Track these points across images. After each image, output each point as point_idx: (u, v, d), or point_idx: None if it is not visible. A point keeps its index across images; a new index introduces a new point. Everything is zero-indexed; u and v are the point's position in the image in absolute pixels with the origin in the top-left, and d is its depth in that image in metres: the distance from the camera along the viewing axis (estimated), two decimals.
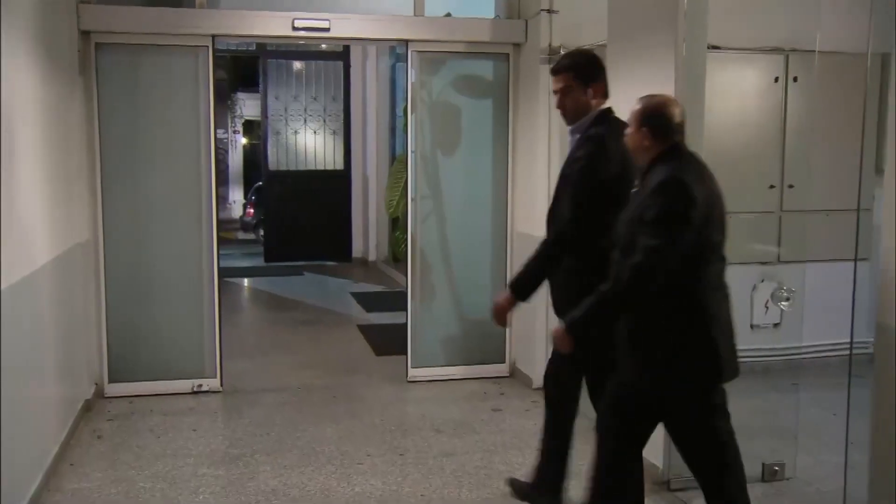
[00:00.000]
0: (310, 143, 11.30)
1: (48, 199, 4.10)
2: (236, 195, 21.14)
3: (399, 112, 10.35)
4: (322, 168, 11.26)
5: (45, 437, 3.96)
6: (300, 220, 10.84)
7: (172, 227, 5.15)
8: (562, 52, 5.10)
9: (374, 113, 10.68)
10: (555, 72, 3.35)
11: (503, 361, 5.73)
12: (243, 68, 18.99)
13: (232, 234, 16.17)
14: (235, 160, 21.66)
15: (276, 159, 11.18)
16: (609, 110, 3.29)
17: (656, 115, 2.74)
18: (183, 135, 5.12)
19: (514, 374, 5.70)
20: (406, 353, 5.57)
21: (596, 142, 3.16)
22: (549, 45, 5.19)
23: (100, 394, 5.09)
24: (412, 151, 5.49)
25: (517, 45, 5.48)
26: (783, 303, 5.24)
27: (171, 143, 5.11)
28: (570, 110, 3.30)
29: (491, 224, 5.65)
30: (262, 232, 12.38)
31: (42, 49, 4.02)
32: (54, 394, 4.18)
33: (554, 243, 3.40)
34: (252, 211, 15.15)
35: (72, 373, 4.58)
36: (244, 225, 15.87)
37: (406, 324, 5.57)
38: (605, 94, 3.31)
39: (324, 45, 11.12)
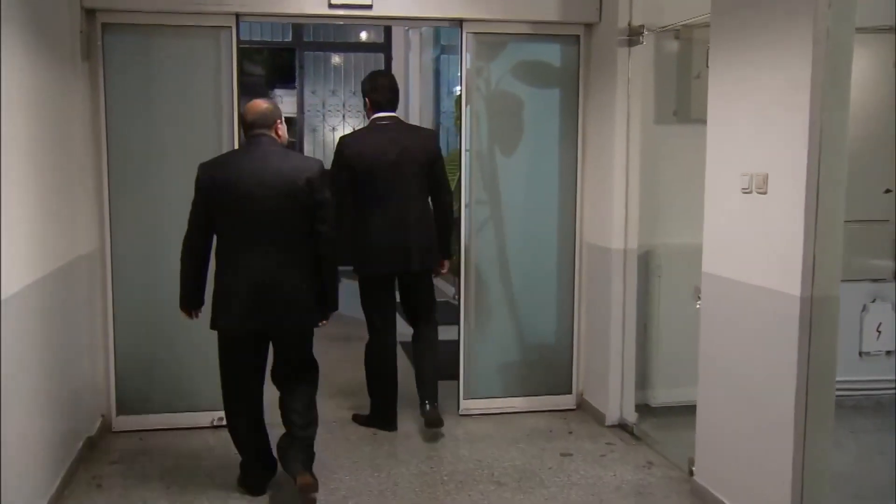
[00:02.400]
0: None
1: (40, 206, 3.44)
2: None
3: (443, 107, 9.64)
4: None
5: (31, 488, 3.28)
6: (339, 221, 10.13)
7: None
8: (645, 33, 4.33)
9: (418, 108, 9.95)
10: None
11: (569, 392, 4.96)
12: (281, 64, 18.45)
13: None
14: None
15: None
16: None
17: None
18: (202, 130, 4.43)
19: (583, 406, 4.93)
20: (457, 380, 4.82)
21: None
22: (629, 24, 4.41)
23: (107, 427, 4.43)
24: (466, 149, 4.74)
25: (589, 26, 4.70)
26: None
27: (189, 140, 4.42)
28: None
29: (557, 234, 4.89)
30: None
31: (34, 28, 3.36)
32: (46, 433, 3.52)
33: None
34: None
35: (71, 406, 3.93)
36: None
37: (457, 345, 4.83)
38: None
39: (363, 35, 10.43)
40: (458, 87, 4.83)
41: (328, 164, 10.28)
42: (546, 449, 4.32)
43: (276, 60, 18.55)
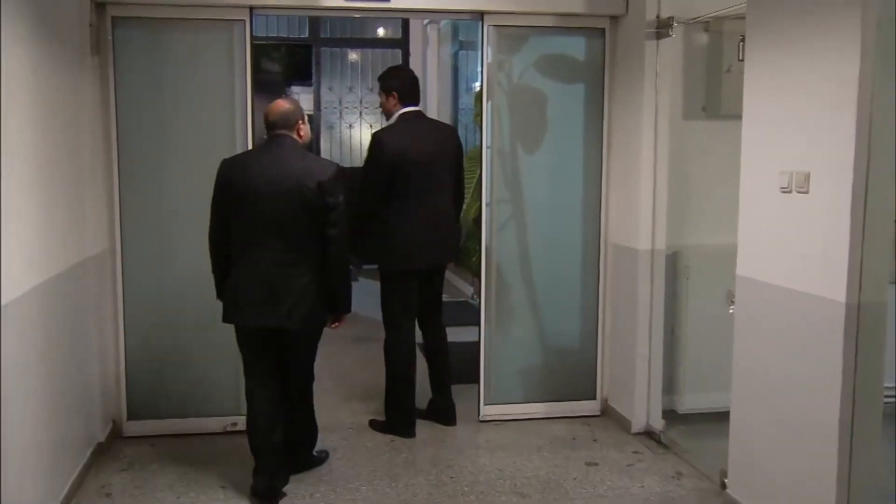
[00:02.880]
0: (366, 138, 10.43)
1: (46, 206, 3.31)
2: None
3: (461, 104, 9.48)
4: None
5: (36, 497, 3.16)
6: (355, 221, 9.99)
7: (205, 236, 4.30)
8: (674, 26, 4.15)
9: (436, 105, 9.78)
10: None
11: (593, 398, 4.79)
12: (298, 61, 18.35)
13: None
14: None
15: (328, 155, 10.38)
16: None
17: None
18: (215, 128, 4.30)
19: (607, 412, 4.76)
20: (477, 384, 4.66)
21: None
22: (658, 16, 4.23)
23: (117, 433, 4.31)
24: (487, 146, 4.57)
25: (615, 18, 4.52)
26: None
27: (202, 138, 4.29)
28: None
29: (581, 233, 4.71)
30: None
31: (41, 22, 3.23)
32: (52, 439, 3.39)
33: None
34: None
35: (79, 411, 3.81)
36: None
37: (476, 347, 4.66)
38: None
39: (381, 31, 10.29)
40: (478, 83, 4.68)
41: (356, 162, 10.38)
42: (570, 458, 4.16)
43: (294, 57, 18.46)
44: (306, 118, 3.66)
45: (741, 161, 3.40)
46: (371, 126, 10.42)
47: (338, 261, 3.55)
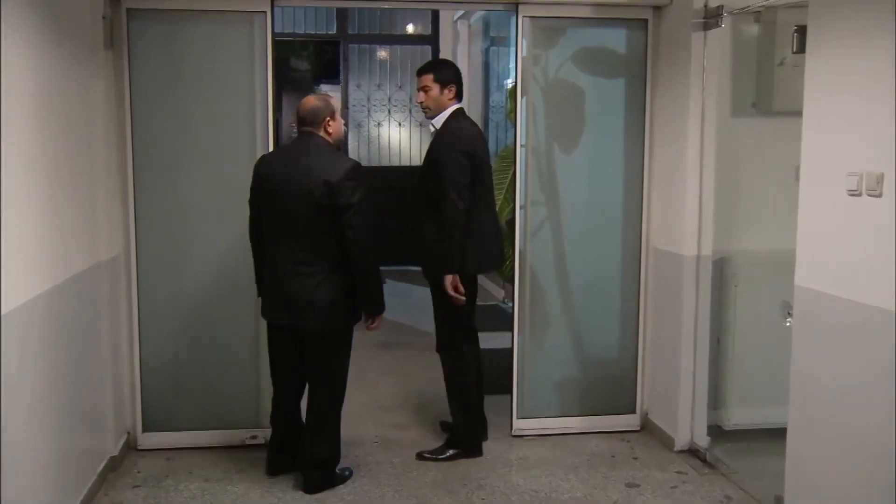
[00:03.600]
0: (394, 137, 10.25)
1: (52, 209, 3.11)
2: None
3: (492, 101, 9.22)
4: (407, 164, 10.16)
5: None
6: (383, 221, 9.78)
7: (223, 239, 4.12)
8: (724, 15, 3.87)
9: (466, 102, 9.49)
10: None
11: (633, 412, 4.51)
12: (328, 59, 18.22)
13: None
14: None
15: (356, 154, 10.17)
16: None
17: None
18: (235, 125, 4.08)
19: (647, 427, 4.48)
20: (510, 395, 4.41)
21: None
22: (706, 5, 3.95)
23: (132, 445, 4.12)
24: (521, 145, 4.31)
25: (659, 8, 4.24)
26: None
27: (221, 136, 4.08)
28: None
29: (621, 237, 4.44)
30: None
31: (50, 13, 3.05)
32: (61, 453, 3.20)
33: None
34: None
35: (91, 423, 3.63)
36: None
37: (508, 354, 4.41)
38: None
39: (410, 28, 10.07)
40: (510, 80, 4.41)
41: (384, 161, 10.16)
42: (609, 477, 3.89)
43: (323, 55, 18.32)
44: (338, 114, 3.58)
45: (801, 162, 3.11)
46: (400, 124, 10.20)
47: (360, 261, 3.48)
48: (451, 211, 3.80)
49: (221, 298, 4.14)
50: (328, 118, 3.51)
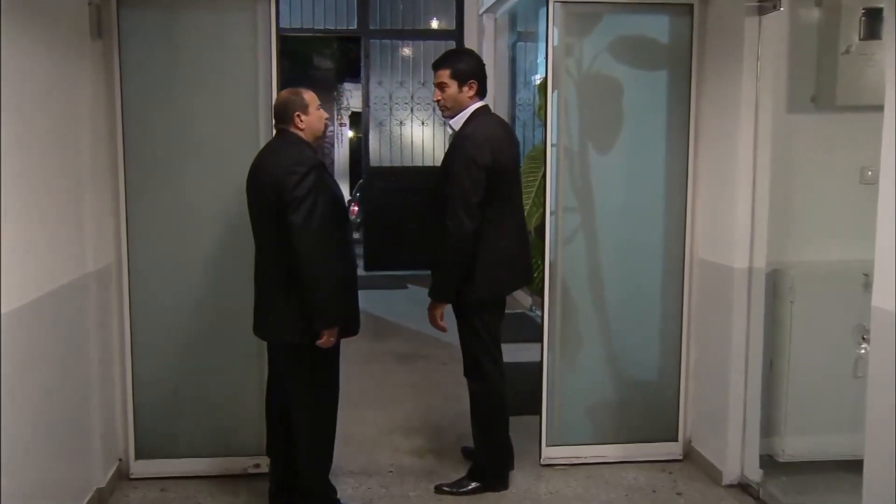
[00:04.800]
0: (417, 136, 9.89)
1: (31, 216, 2.77)
2: (342, 191, 20.15)
3: (519, 98, 8.82)
4: (431, 164, 9.78)
5: None
6: (406, 223, 9.43)
7: (224, 248, 3.75)
8: None
9: (492, 100, 9.11)
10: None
11: (675, 439, 4.09)
12: (352, 58, 17.97)
13: None
14: (342, 154, 20.70)
15: (377, 155, 9.82)
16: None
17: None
18: (235, 122, 3.73)
19: (691, 457, 4.06)
20: (539, 419, 3.99)
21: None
22: None
23: (123, 474, 3.77)
24: (552, 145, 3.90)
25: None
26: None
27: (221, 134, 3.73)
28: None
29: (662, 247, 4.02)
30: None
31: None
32: (43, 486, 2.88)
33: None
34: (356, 209, 14.09)
35: (76, 451, 3.30)
36: None
37: (537, 369, 3.98)
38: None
39: (434, 23, 9.70)
40: (537, 76, 4.00)
41: (406, 162, 9.81)
42: None
43: (348, 54, 18.09)
44: (313, 108, 3.25)
45: (881, 164, 2.66)
46: (423, 123, 9.84)
47: (303, 263, 3.05)
48: (455, 231, 3.36)
49: (222, 313, 3.78)
50: (298, 112, 3.22)
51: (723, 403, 3.79)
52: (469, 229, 3.35)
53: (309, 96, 3.27)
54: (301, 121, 3.23)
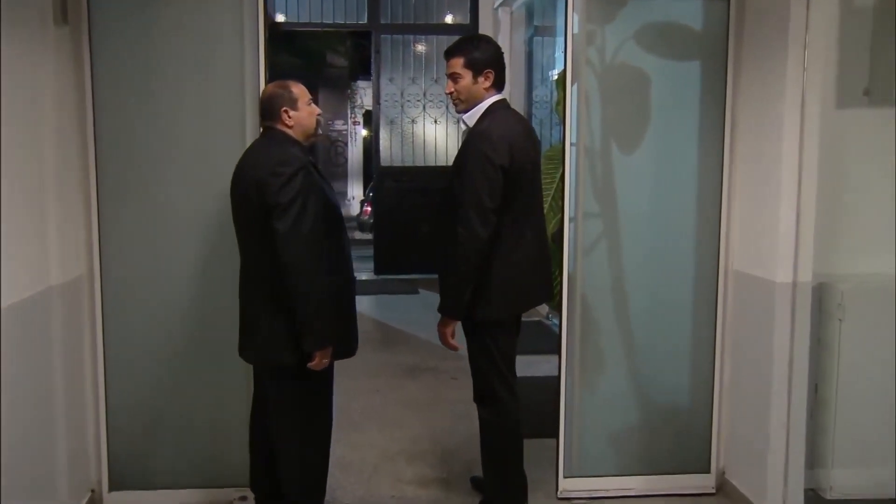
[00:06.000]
0: (429, 134, 9.57)
1: None
2: (355, 191, 19.98)
3: (536, 95, 8.47)
4: (444, 164, 9.46)
5: None
6: (417, 225, 9.12)
7: (208, 257, 3.41)
8: None
9: (508, 97, 8.76)
10: None
11: (707, 471, 3.70)
12: (365, 55, 17.75)
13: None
14: (355, 153, 20.49)
15: (388, 154, 9.50)
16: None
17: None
18: (220, 119, 3.38)
19: (725, 490, 3.67)
20: (556, 448, 3.62)
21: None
22: None
23: None
24: (571, 144, 3.52)
25: None
26: None
27: (204, 133, 3.38)
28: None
29: (693, 258, 3.63)
30: None
31: None
32: None
33: None
34: (369, 209, 13.83)
35: (42, 483, 2.98)
36: (360, 224, 14.51)
37: (554, 385, 3.60)
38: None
39: (448, 18, 9.36)
40: (555, 72, 3.63)
41: (418, 161, 9.51)
42: None
43: (362, 51, 17.85)
44: (303, 102, 2.95)
45: None
46: (436, 121, 9.51)
47: (289, 276, 2.75)
48: (467, 238, 2.98)
49: (205, 329, 3.44)
50: (286, 108, 2.92)
51: (762, 431, 3.41)
52: (483, 236, 2.98)
53: (298, 90, 2.95)
54: (289, 117, 2.92)
